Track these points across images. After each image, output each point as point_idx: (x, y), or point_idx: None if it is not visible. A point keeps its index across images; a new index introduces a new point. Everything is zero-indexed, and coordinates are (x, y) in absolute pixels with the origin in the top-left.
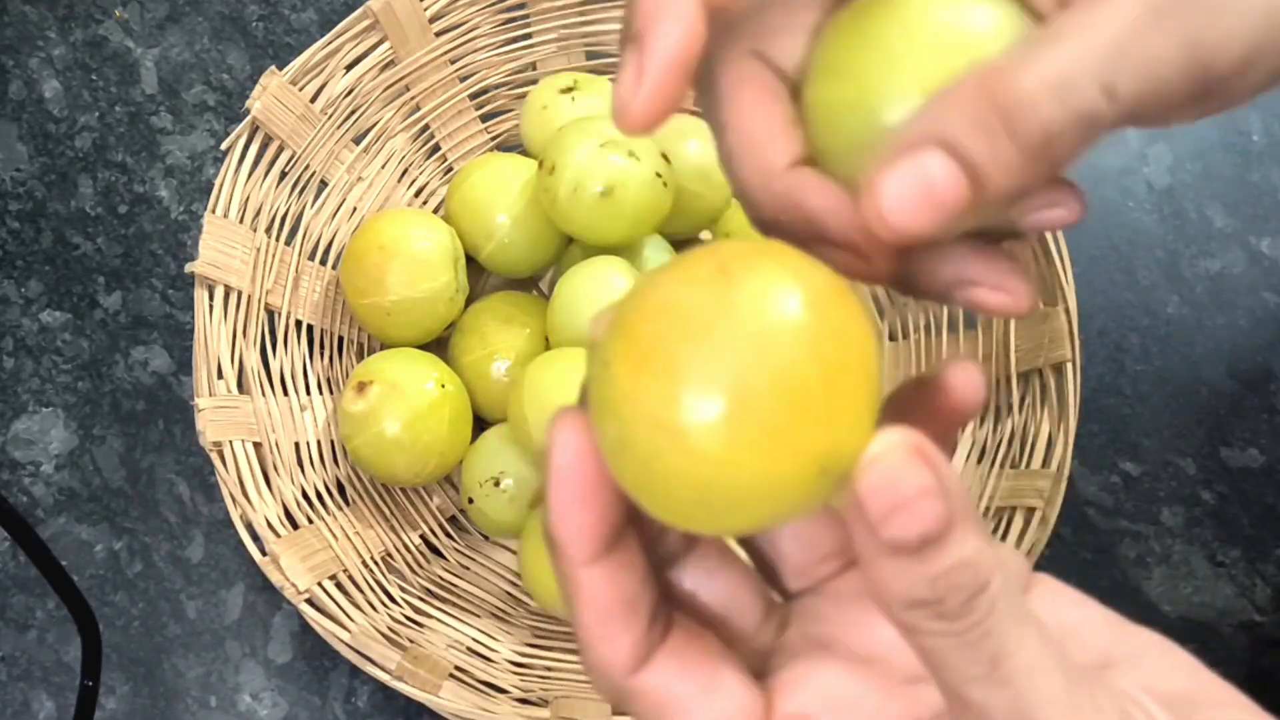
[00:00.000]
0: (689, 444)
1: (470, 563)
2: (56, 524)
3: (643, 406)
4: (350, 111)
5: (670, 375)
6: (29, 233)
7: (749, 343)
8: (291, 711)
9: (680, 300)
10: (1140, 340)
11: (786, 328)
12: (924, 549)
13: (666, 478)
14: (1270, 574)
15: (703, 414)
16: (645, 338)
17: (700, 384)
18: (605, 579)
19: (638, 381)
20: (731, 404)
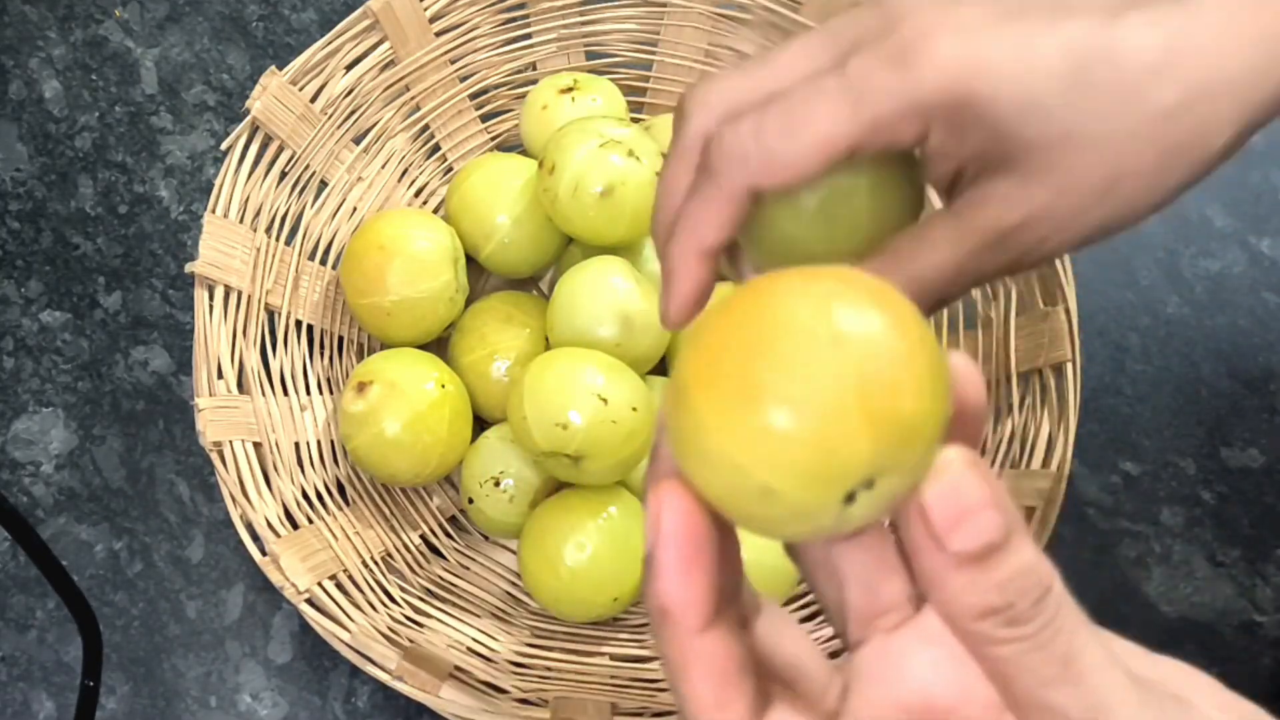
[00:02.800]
0: (770, 461)
1: (470, 563)
2: (56, 524)
3: (725, 420)
4: (350, 111)
5: (751, 397)
6: (29, 233)
7: (832, 362)
8: (291, 711)
9: (753, 320)
10: (1140, 340)
11: (864, 348)
12: (989, 557)
13: (749, 495)
14: (1270, 574)
15: (781, 428)
16: (721, 361)
17: (778, 402)
18: (720, 644)
19: (718, 403)
20: (806, 421)
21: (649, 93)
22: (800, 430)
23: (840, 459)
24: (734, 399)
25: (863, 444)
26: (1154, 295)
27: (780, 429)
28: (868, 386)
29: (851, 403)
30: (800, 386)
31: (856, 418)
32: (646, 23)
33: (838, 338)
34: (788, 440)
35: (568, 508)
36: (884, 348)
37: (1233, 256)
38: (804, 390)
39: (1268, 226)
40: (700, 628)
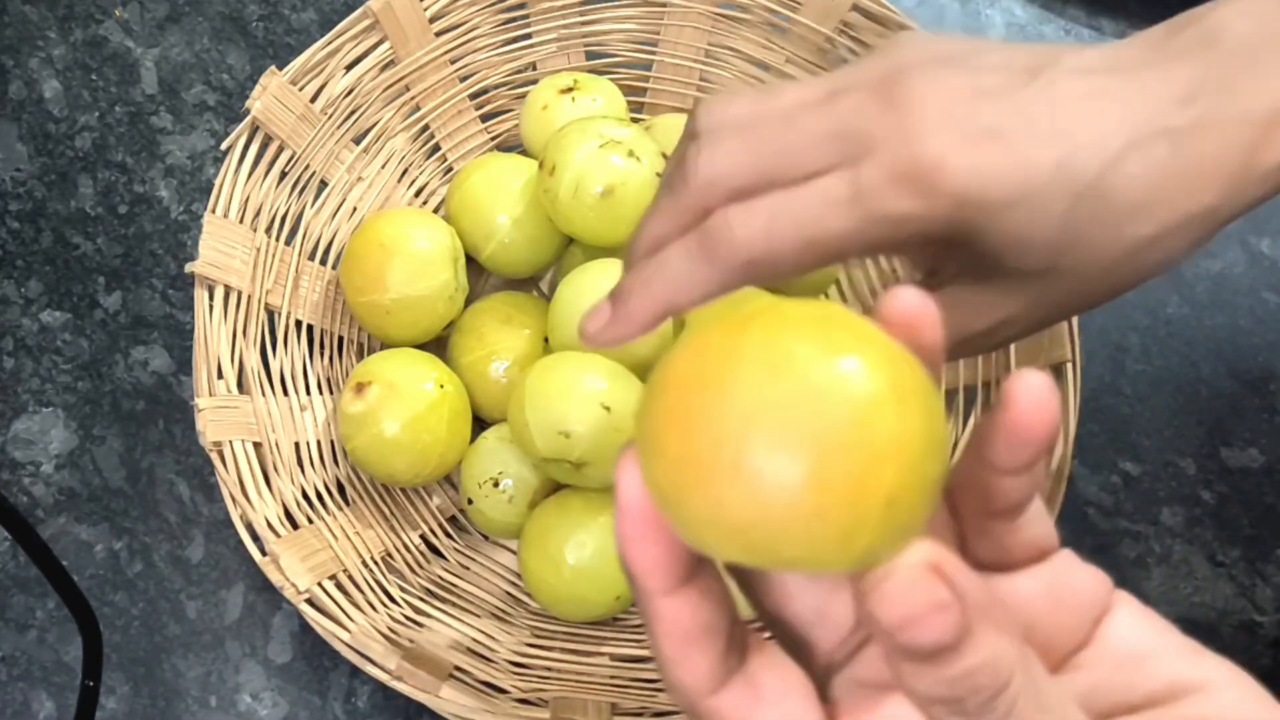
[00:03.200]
0: (731, 512)
1: (470, 563)
2: (56, 524)
3: (687, 473)
4: (350, 111)
5: (709, 446)
6: (29, 233)
7: (808, 430)
8: (291, 711)
9: (716, 364)
10: (1140, 340)
11: (846, 411)
12: (939, 655)
13: (714, 533)
14: (1270, 574)
15: (751, 484)
16: (683, 406)
17: (753, 455)
18: (682, 608)
19: (683, 458)
20: (781, 483)
21: (649, 93)
22: (767, 507)
23: (813, 535)
24: (704, 461)
25: (838, 522)
26: (1154, 295)
27: (748, 499)
28: (849, 461)
29: (832, 478)
30: (772, 456)
31: (836, 494)
32: (646, 23)
33: (819, 400)
34: (755, 513)
35: (568, 507)
36: (866, 412)
37: (1233, 256)
38: (774, 462)
39: (1268, 226)
40: (665, 590)
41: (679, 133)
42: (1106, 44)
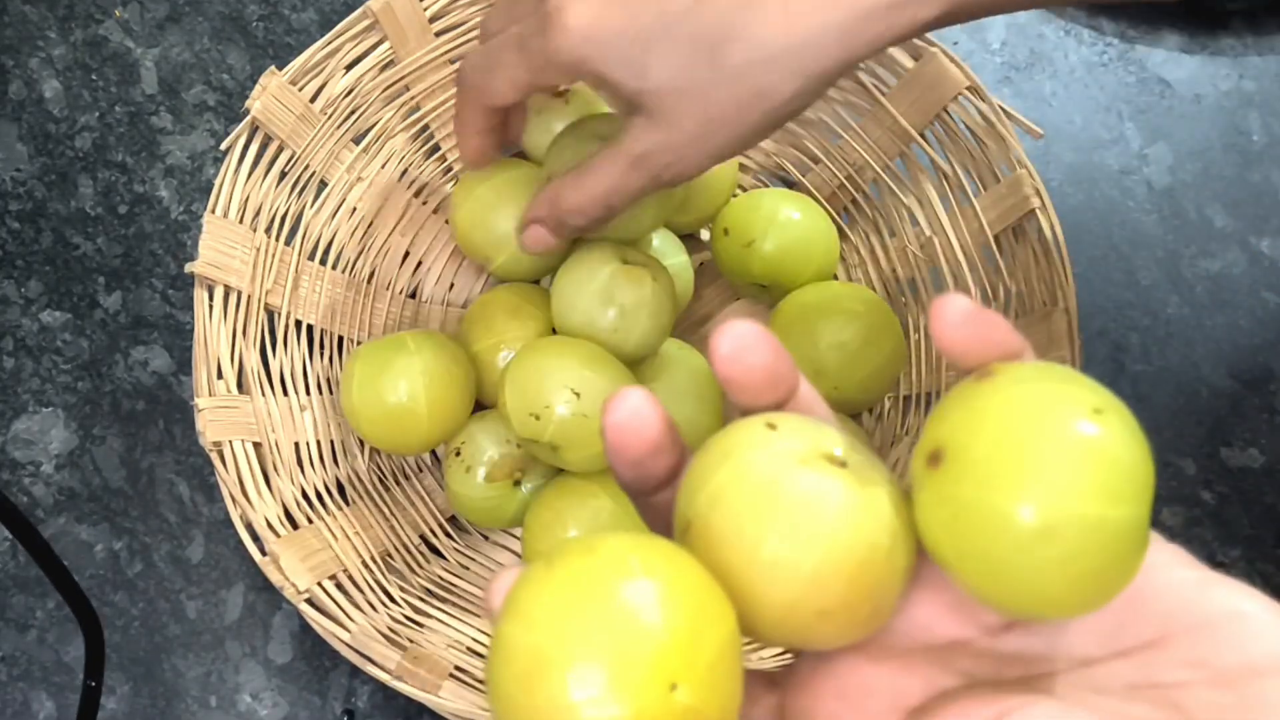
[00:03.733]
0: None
1: (470, 563)
2: (56, 524)
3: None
4: (350, 111)
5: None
6: (29, 233)
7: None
8: (291, 711)
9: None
10: (1140, 340)
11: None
12: None
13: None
14: (1270, 574)
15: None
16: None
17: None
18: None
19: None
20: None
21: None
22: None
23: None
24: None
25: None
26: (1154, 295)
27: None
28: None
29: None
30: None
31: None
32: None
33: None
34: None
35: (569, 490)
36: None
37: (1233, 256)
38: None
39: (1268, 226)
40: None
41: None
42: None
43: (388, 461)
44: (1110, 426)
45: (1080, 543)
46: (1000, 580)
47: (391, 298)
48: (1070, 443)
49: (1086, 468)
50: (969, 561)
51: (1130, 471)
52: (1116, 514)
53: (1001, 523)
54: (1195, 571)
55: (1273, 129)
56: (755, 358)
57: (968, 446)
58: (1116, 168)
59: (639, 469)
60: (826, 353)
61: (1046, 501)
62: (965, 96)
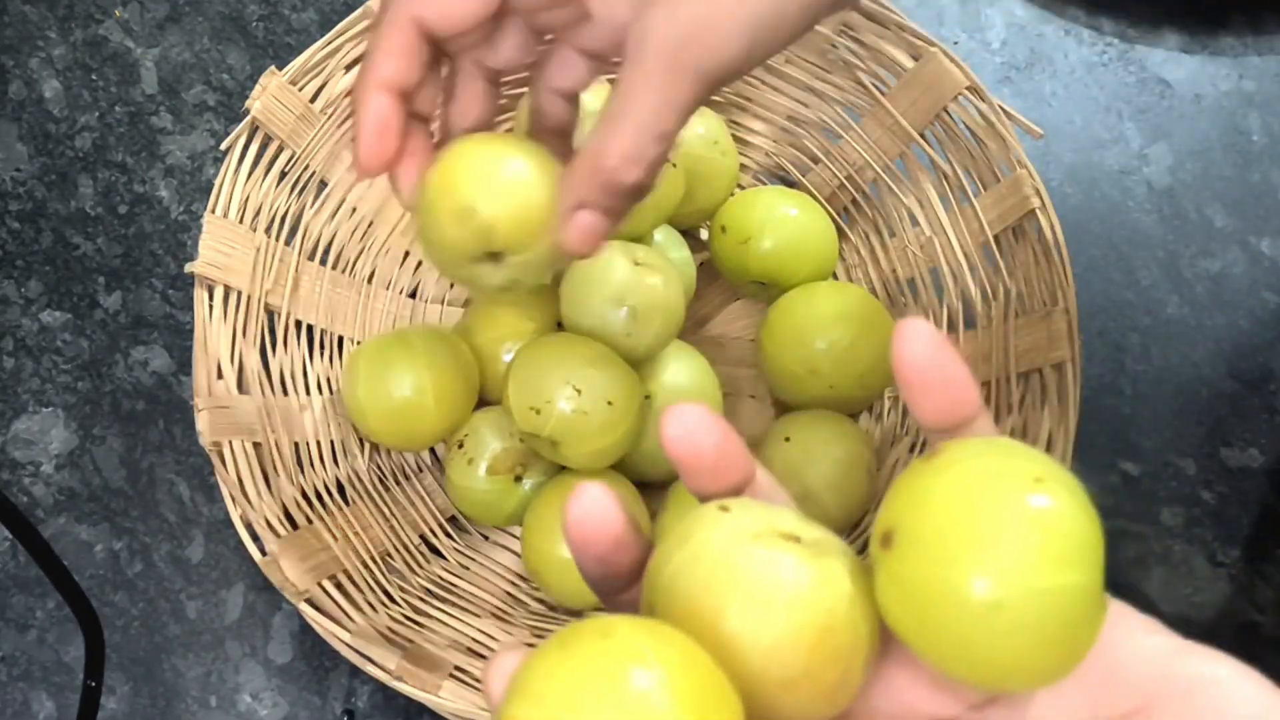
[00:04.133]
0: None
1: (470, 563)
2: (56, 524)
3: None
4: (350, 111)
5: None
6: (29, 233)
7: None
8: (291, 711)
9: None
10: (1140, 340)
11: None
12: None
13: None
14: (1270, 574)
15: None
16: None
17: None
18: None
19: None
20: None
21: None
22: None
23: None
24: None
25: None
26: (1154, 295)
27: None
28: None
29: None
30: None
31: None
32: None
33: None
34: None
35: (570, 489)
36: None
37: (1233, 256)
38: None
39: (1268, 226)
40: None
41: None
42: None
43: (388, 461)
44: (1054, 494)
45: (1033, 612)
46: (960, 654)
47: (391, 297)
48: (1015, 515)
49: (1033, 538)
50: (929, 637)
51: (1077, 538)
52: (1066, 581)
53: (955, 598)
54: (1168, 639)
55: (1273, 129)
56: (704, 439)
57: (917, 526)
58: (1116, 168)
59: (604, 565)
60: (819, 351)
61: (996, 574)
62: (965, 96)
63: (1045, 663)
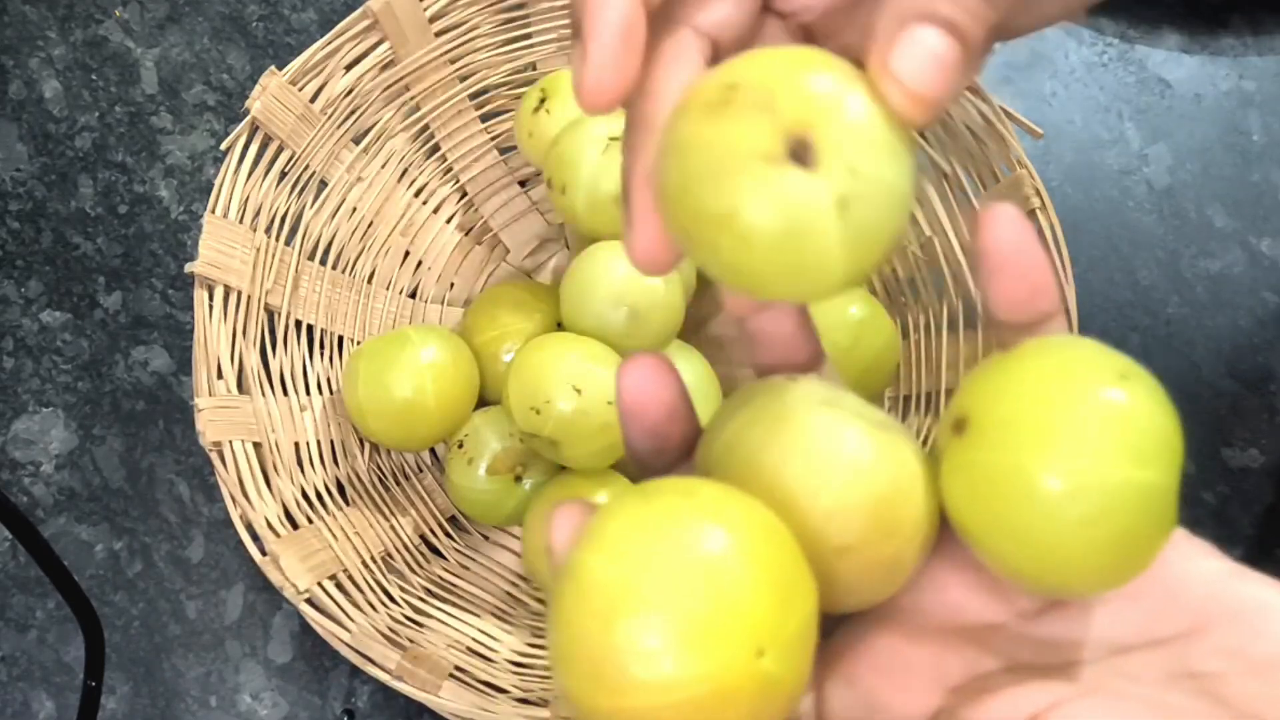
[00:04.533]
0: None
1: (470, 562)
2: (56, 524)
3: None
4: (350, 111)
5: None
6: (29, 233)
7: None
8: (291, 711)
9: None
10: (1140, 340)
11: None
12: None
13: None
14: (1271, 574)
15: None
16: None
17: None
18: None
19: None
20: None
21: None
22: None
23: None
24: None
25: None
26: (1154, 295)
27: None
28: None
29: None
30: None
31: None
32: None
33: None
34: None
35: (569, 486)
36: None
37: (1233, 256)
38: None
39: (1268, 226)
40: None
41: None
42: None
43: (388, 461)
44: (1136, 392)
45: (1106, 505)
46: (1025, 547)
47: (391, 297)
48: (1096, 407)
49: (1112, 431)
50: (994, 528)
51: (1156, 436)
52: (1142, 477)
53: (1027, 486)
54: (1224, 563)
55: (1273, 129)
56: (659, 390)
57: (992, 413)
58: (1116, 167)
59: (655, 437)
60: None
61: (1072, 464)
62: (965, 96)
63: (1110, 561)
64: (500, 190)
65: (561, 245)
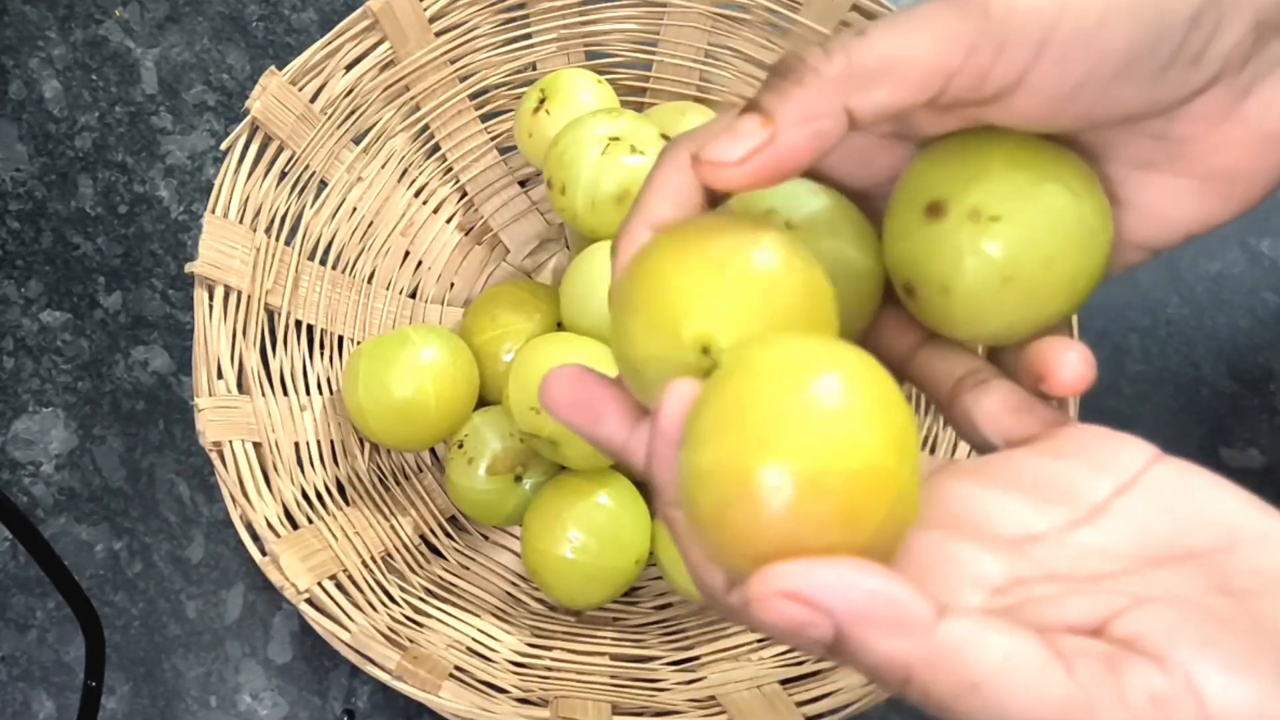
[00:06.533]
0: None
1: (470, 562)
2: (56, 524)
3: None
4: (350, 111)
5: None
6: (29, 233)
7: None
8: (291, 711)
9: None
10: (1140, 340)
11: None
12: (834, 647)
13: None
14: None
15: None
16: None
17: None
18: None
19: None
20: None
21: (648, 93)
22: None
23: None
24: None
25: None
26: (1154, 295)
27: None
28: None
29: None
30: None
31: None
32: (646, 22)
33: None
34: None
35: (567, 487)
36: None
37: (1233, 256)
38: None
39: (1268, 226)
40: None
41: (679, 111)
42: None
43: (388, 461)
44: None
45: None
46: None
47: (391, 297)
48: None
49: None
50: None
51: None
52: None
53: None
54: (1246, 493)
55: None
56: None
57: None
58: None
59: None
60: None
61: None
62: None
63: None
64: (500, 190)
65: (561, 245)
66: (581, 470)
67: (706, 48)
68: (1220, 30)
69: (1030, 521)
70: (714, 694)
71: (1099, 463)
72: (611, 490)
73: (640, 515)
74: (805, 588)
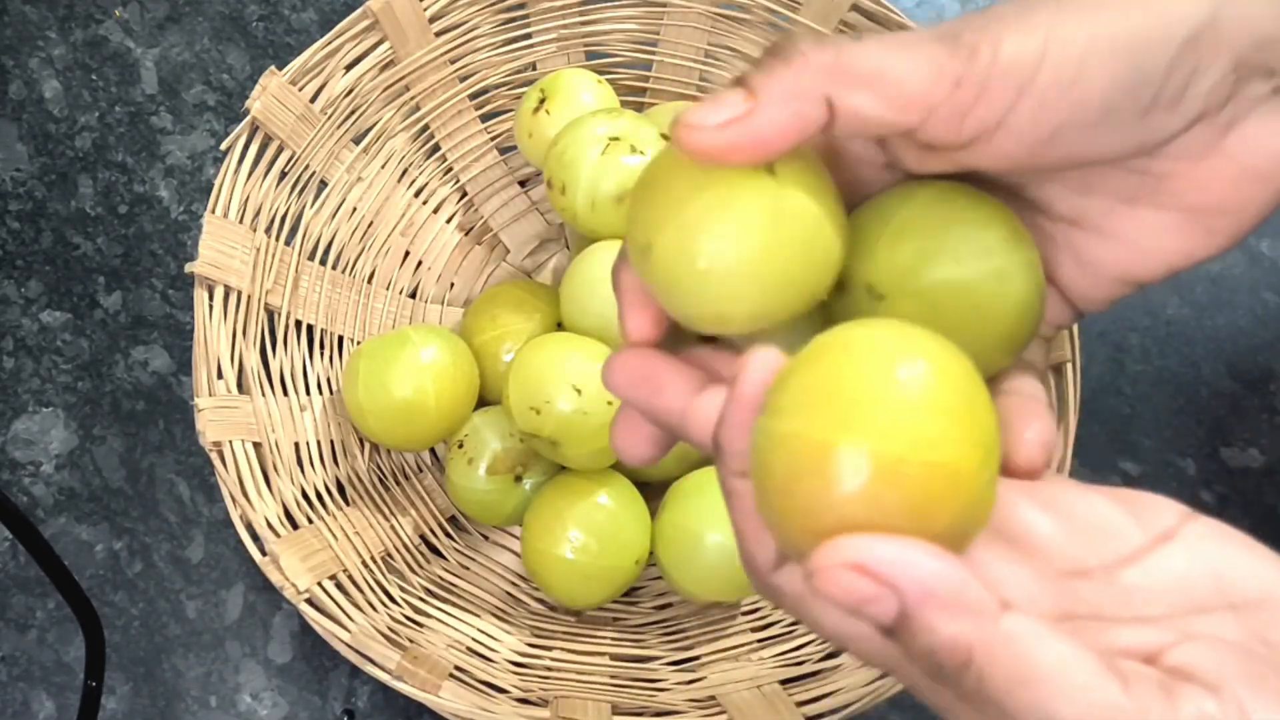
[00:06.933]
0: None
1: (470, 562)
2: (56, 524)
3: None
4: (350, 111)
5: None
6: (29, 233)
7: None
8: (291, 711)
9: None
10: (1140, 340)
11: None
12: (894, 630)
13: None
14: None
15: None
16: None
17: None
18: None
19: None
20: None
21: (648, 93)
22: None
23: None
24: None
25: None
26: (1154, 295)
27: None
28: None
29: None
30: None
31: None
32: (646, 23)
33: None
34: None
35: (568, 488)
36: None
37: (1233, 257)
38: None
39: (1268, 226)
40: (744, 473)
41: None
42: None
43: (388, 461)
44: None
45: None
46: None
47: (391, 297)
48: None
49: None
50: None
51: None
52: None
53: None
54: (1272, 552)
55: None
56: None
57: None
58: None
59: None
60: None
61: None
62: None
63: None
64: (500, 190)
65: (561, 245)
66: (581, 470)
67: (706, 48)
68: (1199, 74)
69: (1080, 555)
70: (714, 694)
71: (1137, 512)
72: (611, 490)
73: (640, 515)
74: (874, 561)
